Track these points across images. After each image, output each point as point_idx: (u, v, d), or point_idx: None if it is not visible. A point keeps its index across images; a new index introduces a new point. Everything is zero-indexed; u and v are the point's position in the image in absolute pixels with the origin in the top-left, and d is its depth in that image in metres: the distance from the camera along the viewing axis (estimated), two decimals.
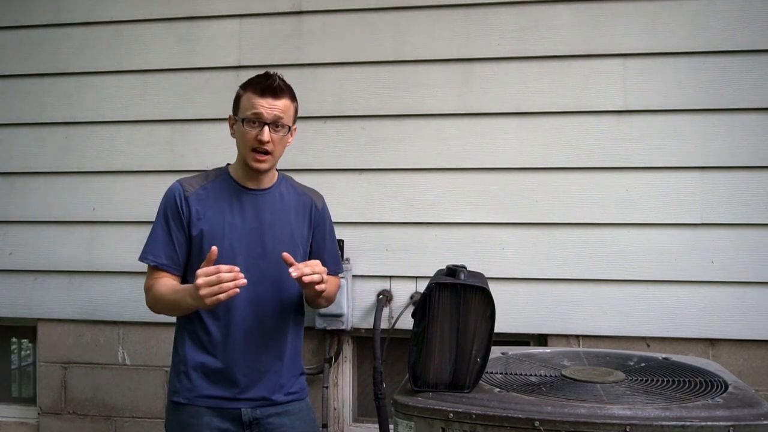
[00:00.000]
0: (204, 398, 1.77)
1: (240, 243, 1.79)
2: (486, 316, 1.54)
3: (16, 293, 2.77)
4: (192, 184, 1.83)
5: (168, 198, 1.81)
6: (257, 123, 1.75)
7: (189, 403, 1.78)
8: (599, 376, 1.66)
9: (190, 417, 1.78)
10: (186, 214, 1.79)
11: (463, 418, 1.45)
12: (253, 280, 1.71)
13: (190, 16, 2.69)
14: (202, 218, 1.78)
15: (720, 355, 2.37)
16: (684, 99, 2.40)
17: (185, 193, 1.80)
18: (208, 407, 1.77)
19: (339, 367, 2.63)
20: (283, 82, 1.80)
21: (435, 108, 2.53)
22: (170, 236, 1.78)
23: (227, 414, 1.78)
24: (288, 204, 1.88)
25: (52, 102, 2.77)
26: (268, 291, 1.81)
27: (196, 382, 1.78)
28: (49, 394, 2.77)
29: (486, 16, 2.52)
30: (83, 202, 2.73)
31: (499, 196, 2.49)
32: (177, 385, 1.81)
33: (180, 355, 1.82)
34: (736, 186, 2.37)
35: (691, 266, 2.38)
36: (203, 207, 1.79)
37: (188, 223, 1.79)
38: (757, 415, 1.39)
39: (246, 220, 1.81)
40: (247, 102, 1.76)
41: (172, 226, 1.79)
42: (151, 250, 1.80)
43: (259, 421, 1.80)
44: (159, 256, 1.78)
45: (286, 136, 1.81)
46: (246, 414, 1.78)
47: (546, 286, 2.46)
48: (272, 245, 1.81)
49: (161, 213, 1.81)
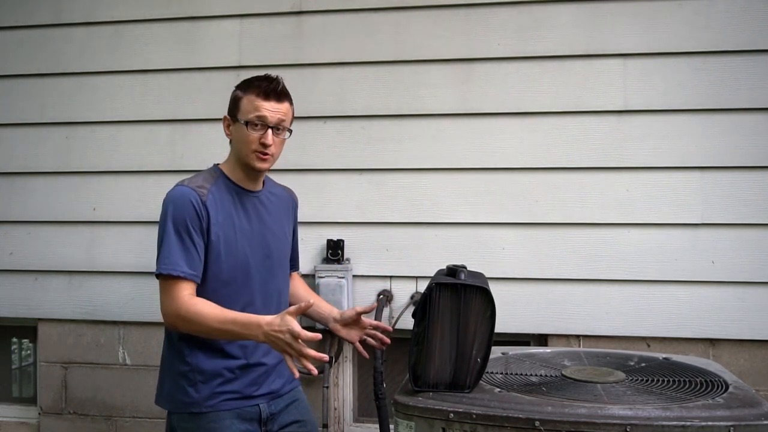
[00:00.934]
0: (226, 401, 1.74)
1: (251, 246, 1.80)
2: (486, 316, 1.54)
3: (16, 293, 2.77)
4: (201, 187, 1.75)
5: (185, 204, 1.70)
6: (261, 126, 1.75)
7: (211, 411, 1.73)
8: (600, 376, 1.66)
9: (211, 422, 1.73)
10: (206, 219, 1.72)
11: (464, 418, 1.45)
12: (264, 281, 1.81)
13: (191, 16, 2.69)
14: (216, 224, 1.74)
15: (720, 355, 2.37)
16: (684, 99, 2.40)
17: (201, 198, 1.72)
18: (229, 410, 1.74)
19: (339, 367, 2.63)
20: (285, 86, 1.80)
21: (435, 108, 2.53)
22: (193, 245, 1.69)
23: (247, 413, 1.77)
24: (276, 203, 1.92)
25: (52, 102, 2.77)
26: (274, 289, 1.85)
27: (217, 388, 1.73)
28: (49, 394, 2.77)
29: (486, 16, 2.52)
30: (83, 202, 2.73)
31: (500, 196, 2.49)
32: (195, 396, 1.72)
33: (191, 364, 1.74)
34: (736, 186, 2.37)
35: (692, 266, 2.38)
36: (215, 211, 1.74)
37: (207, 228, 1.72)
38: (758, 415, 1.39)
39: (252, 222, 1.82)
40: (250, 105, 1.75)
41: (193, 234, 1.69)
42: (175, 260, 1.67)
43: (274, 417, 1.82)
44: (184, 267, 1.67)
45: (285, 138, 1.83)
46: (264, 410, 1.79)
47: (546, 286, 2.46)
48: (274, 245, 1.86)
49: (178, 220, 1.70)
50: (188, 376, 1.74)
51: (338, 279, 2.48)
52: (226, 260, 1.75)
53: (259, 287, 1.81)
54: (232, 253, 1.75)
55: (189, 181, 1.77)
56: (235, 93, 1.81)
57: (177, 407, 1.76)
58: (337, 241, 2.53)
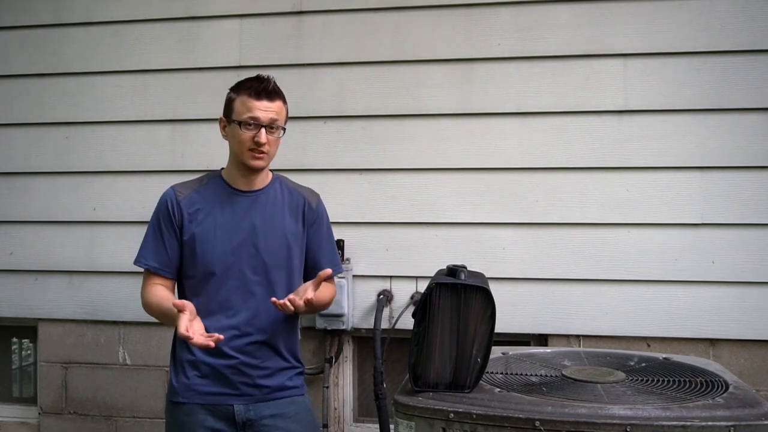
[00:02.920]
0: (199, 395, 1.78)
1: (232, 244, 1.81)
2: (486, 316, 1.54)
3: (16, 293, 2.77)
4: (184, 188, 1.87)
5: (161, 203, 1.85)
6: (254, 126, 1.78)
7: (186, 402, 1.79)
8: (600, 376, 1.66)
9: (185, 415, 1.79)
10: (178, 218, 1.82)
11: (464, 418, 1.45)
12: (246, 279, 1.81)
13: (191, 16, 2.69)
14: (193, 221, 1.82)
15: (721, 355, 2.37)
16: (684, 99, 2.40)
17: (177, 197, 1.84)
18: (202, 405, 1.78)
19: (339, 367, 2.63)
20: (276, 85, 1.83)
21: (435, 108, 2.53)
22: (162, 240, 1.82)
23: (220, 412, 1.78)
24: (280, 203, 1.89)
25: (52, 102, 2.77)
26: (259, 289, 1.82)
27: (192, 380, 1.79)
28: (49, 394, 2.77)
29: (486, 16, 2.52)
30: (83, 202, 2.73)
31: (500, 196, 2.49)
32: (174, 384, 1.82)
33: (176, 354, 1.85)
34: (736, 186, 2.37)
35: (692, 266, 2.38)
36: (195, 211, 1.82)
37: (180, 226, 1.82)
38: (758, 415, 1.39)
39: (238, 221, 1.83)
40: (242, 106, 1.79)
41: (164, 231, 1.82)
42: (144, 253, 1.85)
43: (252, 423, 1.79)
44: (150, 260, 1.83)
45: (280, 137, 1.84)
46: (239, 413, 1.78)
47: (546, 286, 2.46)
48: (265, 245, 1.83)
49: (154, 218, 1.86)
50: (175, 365, 1.85)
51: (338, 279, 2.46)
52: (202, 256, 1.80)
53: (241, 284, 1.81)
54: (209, 249, 1.80)
55: (178, 183, 1.90)
56: (229, 95, 1.85)
57: (167, 395, 1.88)
58: (337, 241, 2.52)
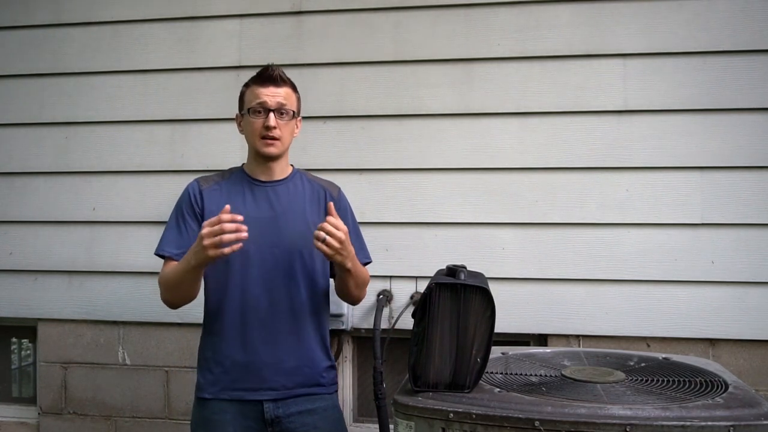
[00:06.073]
0: (227, 391, 1.80)
1: (254, 232, 1.78)
2: (486, 316, 1.54)
3: (16, 293, 2.77)
4: (207, 181, 1.92)
5: (184, 194, 1.90)
6: (262, 111, 1.82)
7: (213, 398, 1.81)
8: (599, 376, 1.66)
9: (214, 413, 1.80)
10: (200, 207, 1.86)
11: (464, 418, 1.45)
12: (268, 268, 1.82)
13: (190, 16, 2.69)
14: (215, 211, 1.79)
15: (720, 355, 2.37)
16: (684, 99, 2.40)
17: (200, 187, 1.89)
18: (231, 401, 1.79)
19: (339, 367, 2.63)
20: (284, 73, 1.88)
21: (435, 108, 2.54)
22: (184, 227, 1.85)
23: (249, 409, 1.79)
24: (301, 193, 1.92)
25: (52, 102, 2.77)
26: (282, 278, 1.83)
27: (219, 376, 1.81)
28: (49, 394, 2.77)
29: (486, 16, 2.52)
30: (83, 202, 2.73)
31: (500, 196, 2.49)
32: (201, 381, 1.85)
33: (202, 351, 1.88)
34: (736, 186, 2.37)
35: (691, 266, 2.38)
36: (217, 201, 1.85)
37: (201, 215, 1.85)
38: (758, 415, 1.39)
39: (259, 210, 1.86)
40: (251, 94, 1.85)
41: (186, 218, 1.86)
42: (164, 243, 1.87)
43: (280, 420, 1.80)
44: (170, 247, 1.84)
45: (291, 122, 1.87)
46: (268, 410, 1.79)
47: (546, 286, 2.46)
48: (287, 233, 1.85)
49: (176, 208, 1.90)
50: (201, 362, 1.88)
51: None
52: None
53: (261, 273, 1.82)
54: None
55: (202, 176, 1.96)
56: (241, 90, 1.91)
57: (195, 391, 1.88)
58: None
